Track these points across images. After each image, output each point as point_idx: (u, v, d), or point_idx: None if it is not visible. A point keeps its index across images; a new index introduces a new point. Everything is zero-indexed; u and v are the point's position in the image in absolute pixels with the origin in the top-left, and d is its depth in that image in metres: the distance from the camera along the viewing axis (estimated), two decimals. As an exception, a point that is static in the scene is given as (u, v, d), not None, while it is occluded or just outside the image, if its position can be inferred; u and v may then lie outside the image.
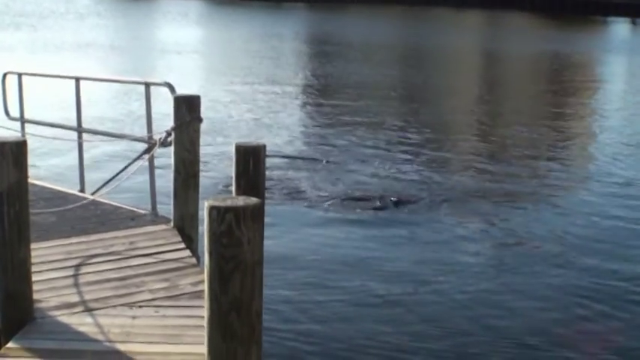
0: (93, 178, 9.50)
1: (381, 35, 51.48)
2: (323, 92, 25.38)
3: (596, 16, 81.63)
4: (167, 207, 7.56)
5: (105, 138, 8.98)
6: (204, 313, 3.48)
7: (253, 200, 3.40)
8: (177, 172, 7.29)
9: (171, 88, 7.50)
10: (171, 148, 7.26)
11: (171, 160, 7.26)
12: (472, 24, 72.52)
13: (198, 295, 5.78)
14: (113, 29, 48.61)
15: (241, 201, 3.39)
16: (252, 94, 23.87)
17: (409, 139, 17.86)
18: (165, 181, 7.61)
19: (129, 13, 67.04)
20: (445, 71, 33.97)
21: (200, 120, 7.27)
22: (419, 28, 60.73)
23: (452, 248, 10.17)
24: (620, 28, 71.84)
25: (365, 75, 29.69)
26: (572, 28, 66.03)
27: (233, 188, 5.49)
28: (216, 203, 3.38)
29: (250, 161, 5.28)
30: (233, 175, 5.45)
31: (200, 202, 7.46)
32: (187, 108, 7.20)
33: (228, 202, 3.36)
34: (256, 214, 3.37)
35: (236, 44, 41.44)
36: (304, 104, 23.02)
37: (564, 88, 29.49)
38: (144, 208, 7.96)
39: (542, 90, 28.59)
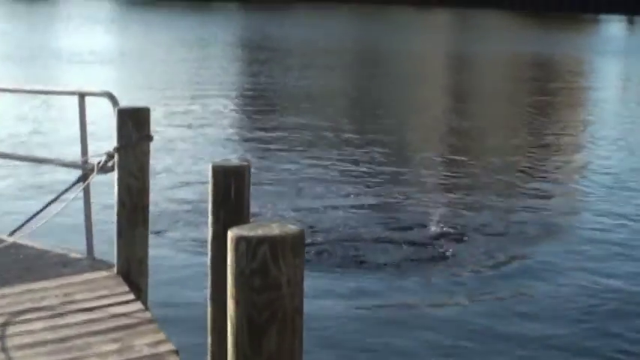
0: (11, 214, 9.17)
1: (329, 38, 51.63)
2: (261, 105, 25.47)
3: (587, 14, 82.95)
4: (108, 249, 7.28)
5: (26, 163, 8.66)
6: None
7: (292, 228, 3.18)
8: (121, 204, 7.01)
9: (113, 99, 7.22)
10: (114, 175, 6.98)
11: (114, 190, 6.98)
12: (437, 24, 73.30)
13: (159, 359, 5.51)
14: (12, 36, 48.07)
15: (276, 229, 3.16)
16: (184, 108, 23.82)
17: (371, 159, 17.90)
18: (106, 215, 7.33)
19: (27, 17, 66.47)
20: (405, 79, 34.06)
21: (150, 138, 7.02)
22: (373, 30, 61.18)
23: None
24: (614, 27, 73.11)
25: (309, 84, 29.71)
26: (559, 28, 67.05)
27: (209, 221, 5.23)
28: (245, 232, 3.13)
29: (232, 186, 5.08)
30: (209, 203, 5.20)
31: (151, 240, 7.22)
32: (134, 123, 6.94)
33: (260, 232, 3.13)
34: (298, 245, 3.14)
35: (158, 52, 41.20)
36: (244, 119, 23.12)
37: (548, 96, 29.74)
38: (79, 251, 7.65)
39: (523, 99, 28.76)
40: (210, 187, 5.16)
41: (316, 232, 12.30)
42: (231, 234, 3.17)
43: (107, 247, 7.37)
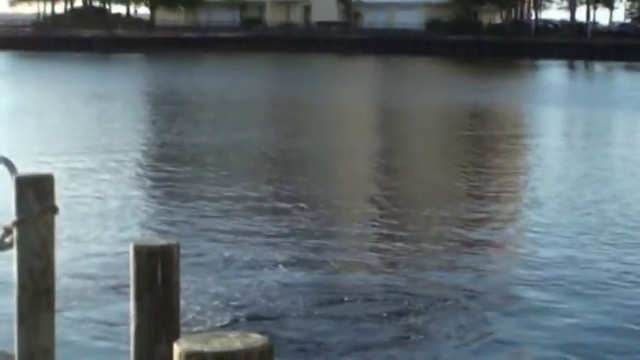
0: None
1: (244, 89, 51.65)
2: (172, 164, 25.24)
3: (524, 59, 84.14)
4: (8, 338, 6.99)
5: None
6: None
7: (257, 339, 2.81)
8: (22, 287, 6.73)
9: (10, 165, 6.92)
10: (12, 253, 6.66)
11: (13, 270, 6.67)
12: (364, 73, 73.75)
13: None
14: None
15: (237, 341, 2.78)
16: (88, 170, 23.49)
17: (299, 221, 17.81)
18: (4, 299, 6.98)
19: None
20: (329, 133, 33.97)
21: (55, 210, 6.72)
22: (293, 80, 61.32)
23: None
24: (553, 72, 74.23)
25: (221, 141, 29.70)
26: (494, 75, 67.99)
27: (131, 311, 4.93)
28: (197, 347, 2.74)
29: (158, 269, 4.79)
30: (131, 289, 4.89)
31: (59, 327, 6.92)
32: (35, 193, 6.66)
33: (217, 345, 2.74)
34: (266, 361, 2.73)
35: (57, 108, 40.72)
36: (155, 181, 22.78)
37: (483, 150, 30.06)
38: (-27, 343, 7.32)
39: (458, 153, 28.82)
40: (131, 271, 4.87)
41: (255, 311, 12.04)
42: (179, 349, 2.79)
43: (6, 336, 7.03)
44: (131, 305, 4.90)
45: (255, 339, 2.84)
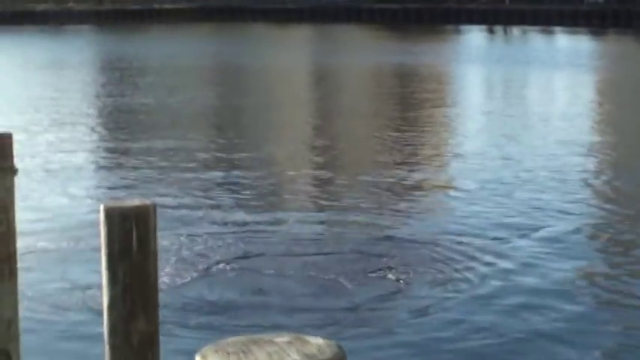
0: None
1: (188, 57, 51.05)
2: (122, 128, 24.57)
3: (448, 25, 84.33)
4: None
5: None
6: None
7: (317, 345, 1.86)
8: (-19, 254, 5.80)
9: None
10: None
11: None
12: (300, 39, 73.28)
13: None
14: None
15: (293, 350, 1.82)
16: (41, 134, 22.71)
17: (244, 180, 17.19)
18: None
19: None
20: (269, 94, 33.56)
21: (14, 171, 5.80)
22: (234, 47, 60.73)
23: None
24: (474, 37, 74.25)
25: (174, 103, 29.05)
26: (419, 39, 67.65)
27: (103, 282, 4.08)
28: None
29: (133, 233, 3.92)
30: (102, 259, 4.03)
31: (22, 297, 6.10)
32: (-8, 153, 5.73)
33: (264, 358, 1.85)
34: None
35: (11, 75, 39.65)
36: (109, 144, 22.17)
37: (410, 104, 29.90)
38: None
39: (389, 112, 28.61)
40: (102, 236, 4.00)
41: (215, 267, 11.30)
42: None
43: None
44: (103, 276, 4.06)
45: (317, 346, 1.86)
